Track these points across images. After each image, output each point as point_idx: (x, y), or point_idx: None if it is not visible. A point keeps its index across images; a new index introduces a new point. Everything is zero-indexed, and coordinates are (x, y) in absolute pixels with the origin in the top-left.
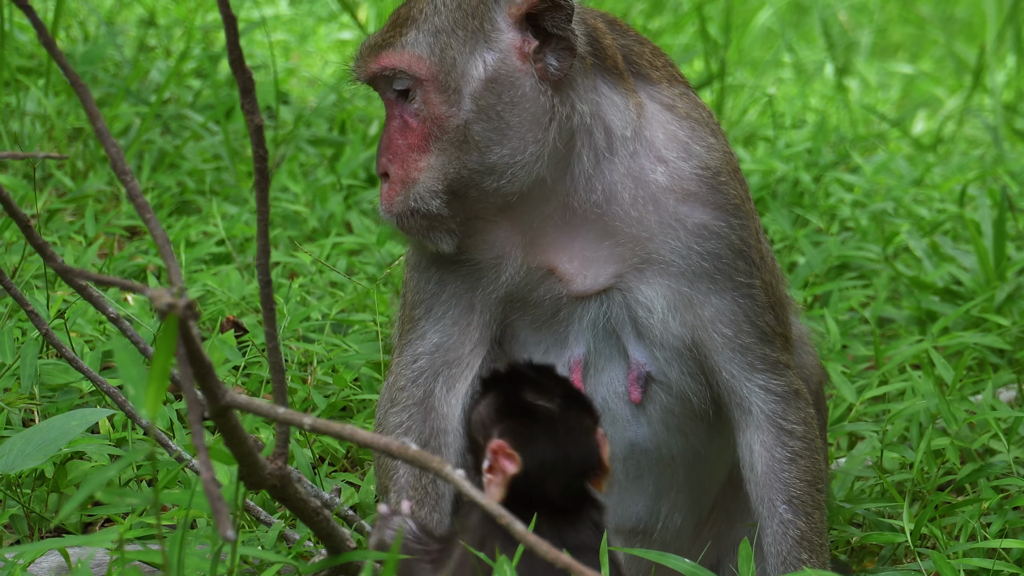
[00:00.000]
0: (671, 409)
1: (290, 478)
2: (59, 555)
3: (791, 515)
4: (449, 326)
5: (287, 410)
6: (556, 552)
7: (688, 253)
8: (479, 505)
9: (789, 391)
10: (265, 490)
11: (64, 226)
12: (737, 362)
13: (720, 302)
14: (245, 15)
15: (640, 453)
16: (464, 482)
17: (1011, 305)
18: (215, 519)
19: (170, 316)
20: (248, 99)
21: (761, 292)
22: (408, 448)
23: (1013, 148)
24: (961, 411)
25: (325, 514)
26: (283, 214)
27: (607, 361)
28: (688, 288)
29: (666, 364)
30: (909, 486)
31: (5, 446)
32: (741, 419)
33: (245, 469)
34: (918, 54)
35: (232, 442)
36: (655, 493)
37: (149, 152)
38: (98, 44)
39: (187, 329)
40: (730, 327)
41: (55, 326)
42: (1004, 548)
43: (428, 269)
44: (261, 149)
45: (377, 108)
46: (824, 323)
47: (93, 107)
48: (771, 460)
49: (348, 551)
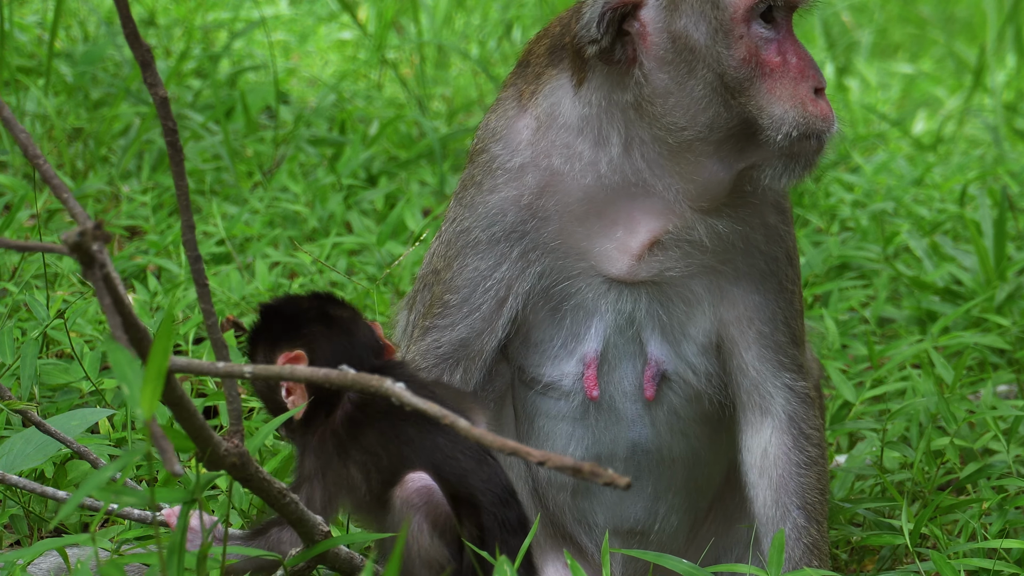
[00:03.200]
0: (677, 411)
1: (249, 457)
2: (58, 555)
3: (804, 521)
4: (478, 321)
5: (227, 364)
6: (503, 439)
7: (753, 252)
8: (421, 410)
9: (809, 395)
10: (225, 470)
11: (64, 226)
12: (768, 360)
13: (763, 300)
14: (245, 15)
15: (641, 454)
16: (404, 392)
17: (1011, 305)
18: (161, 457)
19: (166, 316)
20: (149, 72)
21: (797, 298)
22: (347, 374)
23: (1013, 148)
24: (961, 411)
25: (293, 496)
26: (283, 214)
27: (621, 359)
28: (731, 285)
29: (687, 362)
30: (909, 486)
31: (5, 446)
32: (757, 420)
33: (200, 446)
34: (918, 54)
35: (181, 416)
36: (654, 494)
37: (149, 152)
38: (98, 44)
39: (106, 269)
40: (768, 324)
41: (55, 326)
42: (1004, 548)
43: (486, 251)
44: (170, 122)
45: (377, 108)
46: (824, 323)
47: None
48: (788, 464)
49: (321, 536)
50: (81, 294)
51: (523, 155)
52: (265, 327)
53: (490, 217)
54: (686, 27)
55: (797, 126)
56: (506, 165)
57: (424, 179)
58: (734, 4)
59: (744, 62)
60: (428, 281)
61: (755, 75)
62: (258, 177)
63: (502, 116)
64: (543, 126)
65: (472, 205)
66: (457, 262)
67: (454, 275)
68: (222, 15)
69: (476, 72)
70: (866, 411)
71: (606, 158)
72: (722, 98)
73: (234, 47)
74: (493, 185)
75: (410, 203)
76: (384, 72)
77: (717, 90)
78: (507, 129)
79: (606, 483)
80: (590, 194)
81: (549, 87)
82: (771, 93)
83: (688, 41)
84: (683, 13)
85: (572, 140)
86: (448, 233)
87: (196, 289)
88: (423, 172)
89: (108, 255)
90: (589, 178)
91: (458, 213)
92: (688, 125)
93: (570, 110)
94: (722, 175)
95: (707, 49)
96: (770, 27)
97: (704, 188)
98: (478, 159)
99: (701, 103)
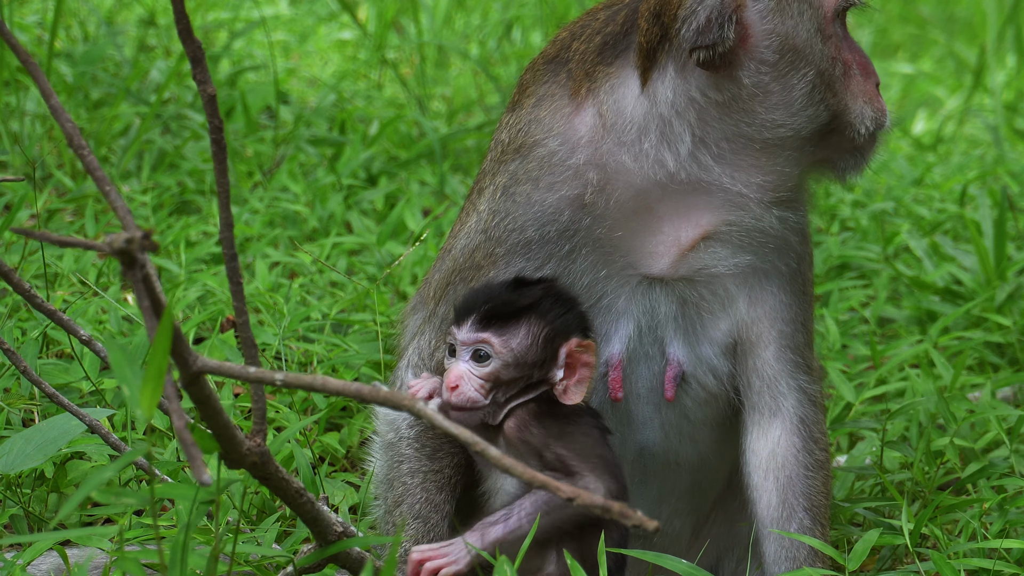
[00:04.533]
0: (688, 414)
1: (270, 456)
2: (58, 555)
3: (810, 523)
4: None
5: (258, 369)
6: (532, 472)
7: (787, 251)
8: (452, 435)
9: (819, 399)
10: (246, 468)
11: (64, 226)
12: (785, 360)
13: (788, 300)
14: (245, 15)
15: (648, 457)
16: (436, 415)
17: (1011, 305)
18: (190, 464)
19: (165, 315)
20: (199, 68)
21: (812, 301)
22: (379, 390)
23: (1013, 148)
24: (961, 410)
25: (309, 496)
26: (283, 214)
27: (639, 361)
28: (763, 283)
29: (707, 363)
30: (909, 486)
31: (5, 446)
32: (766, 421)
33: (224, 444)
34: (918, 54)
35: (207, 414)
36: (658, 497)
37: (149, 152)
38: (98, 44)
39: (146, 270)
40: (789, 325)
41: (55, 326)
42: (1005, 548)
43: (537, 250)
44: (216, 120)
45: (377, 108)
46: (824, 323)
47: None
48: (796, 465)
49: (335, 536)
50: (81, 294)
51: (585, 152)
52: (540, 304)
53: (547, 216)
54: (791, 28)
55: (874, 121)
56: (567, 162)
57: (424, 179)
58: (826, 4)
59: (834, 60)
60: (467, 276)
61: (841, 73)
62: (258, 177)
63: (556, 111)
64: (606, 123)
65: (528, 203)
66: (503, 260)
67: (498, 273)
68: (222, 15)
69: (476, 72)
70: (866, 411)
71: (673, 156)
72: (821, 95)
73: (234, 47)
74: (551, 183)
75: (410, 203)
76: (384, 72)
77: (818, 87)
78: (565, 125)
79: (635, 524)
80: (648, 190)
81: (609, 84)
82: (850, 90)
83: (793, 41)
84: (787, 14)
85: (637, 138)
86: (497, 229)
87: (230, 288)
88: (423, 172)
89: (149, 258)
90: (653, 174)
91: (509, 209)
92: (785, 122)
93: (635, 108)
94: (794, 170)
95: (810, 48)
96: (842, 27)
97: (778, 182)
98: (532, 154)
99: (801, 101)
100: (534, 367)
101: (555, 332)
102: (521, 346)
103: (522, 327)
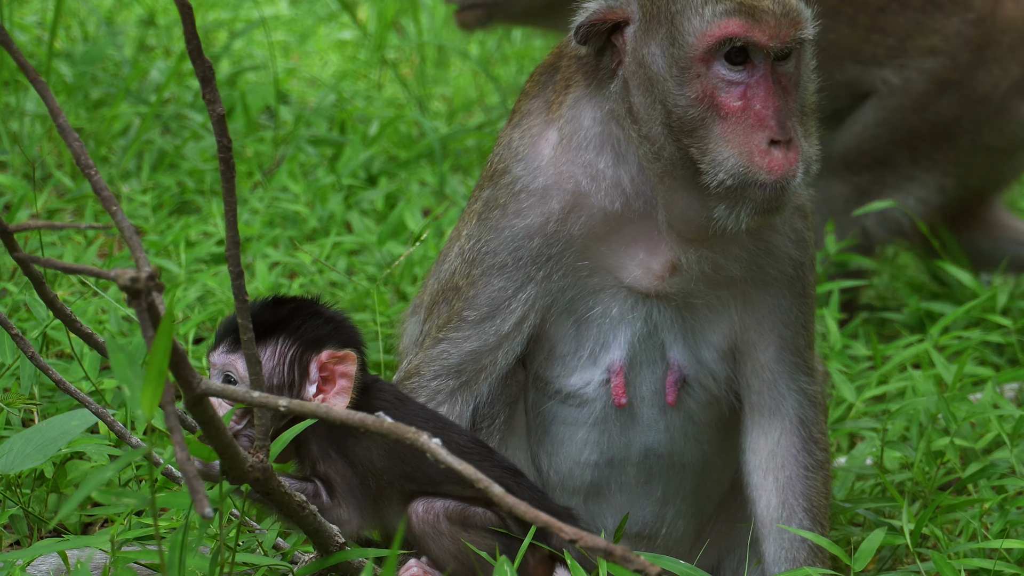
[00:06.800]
0: (692, 416)
1: (273, 472)
2: (58, 556)
3: (809, 523)
4: (495, 337)
5: (262, 393)
6: (535, 511)
7: (782, 258)
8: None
9: (820, 400)
10: (248, 484)
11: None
12: (785, 362)
13: (788, 304)
14: (245, 15)
15: (654, 459)
16: (440, 450)
17: (1011, 305)
18: (192, 498)
19: (164, 318)
20: (209, 88)
21: (814, 304)
22: (383, 421)
23: None
24: (961, 410)
25: (311, 509)
26: (283, 214)
27: (642, 365)
28: (758, 290)
29: (707, 366)
30: (909, 486)
31: (5, 446)
32: (766, 421)
33: (226, 462)
34: None
35: (211, 434)
36: (663, 499)
37: (149, 152)
38: (98, 44)
39: (154, 307)
40: (790, 328)
41: (55, 326)
42: (1005, 548)
43: (512, 273)
44: (225, 139)
45: (377, 108)
46: (824, 323)
47: (54, 103)
48: (796, 466)
49: (337, 547)
50: (81, 294)
51: (546, 175)
52: (290, 321)
53: (517, 242)
54: (650, 55)
55: (735, 175)
56: (530, 187)
57: (424, 179)
58: (694, 43)
59: (697, 101)
60: (448, 297)
61: (707, 116)
62: (258, 177)
63: (525, 133)
64: (565, 140)
65: (498, 229)
66: (482, 281)
67: (477, 293)
68: (222, 15)
69: (476, 72)
70: (866, 411)
71: (627, 176)
72: (674, 134)
73: (234, 47)
74: (518, 209)
75: (410, 203)
76: (384, 72)
77: (666, 124)
78: (529, 147)
79: (636, 570)
80: (613, 214)
81: (573, 96)
82: (722, 137)
83: (649, 70)
84: (650, 40)
85: (593, 158)
86: (472, 252)
87: (235, 304)
88: (423, 172)
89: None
90: (612, 198)
91: (483, 234)
92: (657, 155)
93: (590, 124)
94: (699, 207)
95: (662, 82)
96: (739, 69)
97: (684, 219)
98: (500, 181)
99: (659, 132)
100: (281, 390)
101: (304, 347)
102: (266, 368)
103: (268, 348)
